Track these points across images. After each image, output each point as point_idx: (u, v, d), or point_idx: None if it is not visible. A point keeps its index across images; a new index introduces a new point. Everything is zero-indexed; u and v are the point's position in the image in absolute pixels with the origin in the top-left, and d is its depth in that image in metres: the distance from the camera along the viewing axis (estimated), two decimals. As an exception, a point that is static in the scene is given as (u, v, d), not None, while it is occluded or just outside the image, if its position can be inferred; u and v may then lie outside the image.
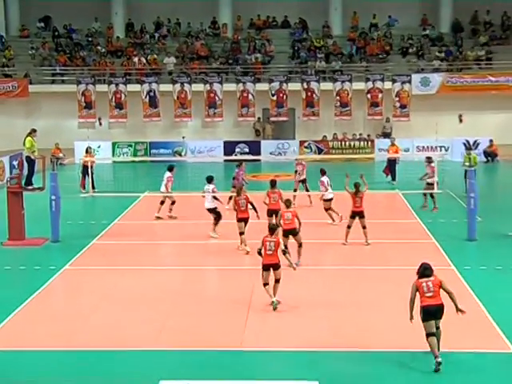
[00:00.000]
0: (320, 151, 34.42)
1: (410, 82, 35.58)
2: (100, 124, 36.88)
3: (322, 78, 36.74)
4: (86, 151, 26.13)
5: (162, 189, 20.37)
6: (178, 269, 15.78)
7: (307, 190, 22.21)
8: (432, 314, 10.58)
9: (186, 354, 11.20)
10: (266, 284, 13.03)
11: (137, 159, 32.87)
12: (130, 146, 34.95)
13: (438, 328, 10.76)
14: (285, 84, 36.05)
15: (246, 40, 38.85)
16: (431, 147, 32.76)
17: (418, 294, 10.71)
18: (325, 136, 35.32)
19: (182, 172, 30.06)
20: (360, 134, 35.26)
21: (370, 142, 34.44)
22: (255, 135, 36.66)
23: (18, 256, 17.16)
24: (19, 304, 13.48)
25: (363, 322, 12.40)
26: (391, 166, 27.04)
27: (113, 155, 34.16)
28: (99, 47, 38.75)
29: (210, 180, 18.71)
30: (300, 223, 15.12)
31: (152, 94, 36.32)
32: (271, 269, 12.97)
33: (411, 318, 10.71)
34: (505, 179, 28.90)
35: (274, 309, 12.82)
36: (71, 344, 11.61)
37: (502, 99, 35.22)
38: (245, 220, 16.86)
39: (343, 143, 34.53)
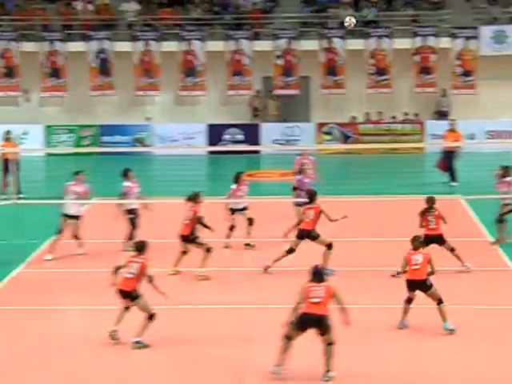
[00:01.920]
0: (346, 139, 34.39)
1: (477, 37, 35.61)
2: (27, 99, 36.82)
3: (349, 32, 36.66)
4: (5, 138, 26.04)
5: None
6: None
7: None
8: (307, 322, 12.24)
9: None
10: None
11: (81, 150, 32.80)
12: (72, 131, 34.96)
13: (329, 344, 12.14)
14: (295, 41, 36.03)
15: (240, -22, 38.89)
16: (508, 133, 32.74)
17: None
18: (353, 117, 35.29)
19: (145, 169, 29.97)
20: (405, 114, 35.22)
21: (418, 126, 34.42)
22: (252, 116, 36.61)
23: None
24: None
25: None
26: (449, 160, 27.00)
27: (46, 145, 34.09)
28: (26, -12, 38.78)
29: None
30: (433, 271, 14.79)
31: (103, 55, 36.30)
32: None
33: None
34: None
35: None
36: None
37: None
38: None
39: (380, 127, 34.51)
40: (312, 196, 17.88)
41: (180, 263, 17.40)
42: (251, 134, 34.58)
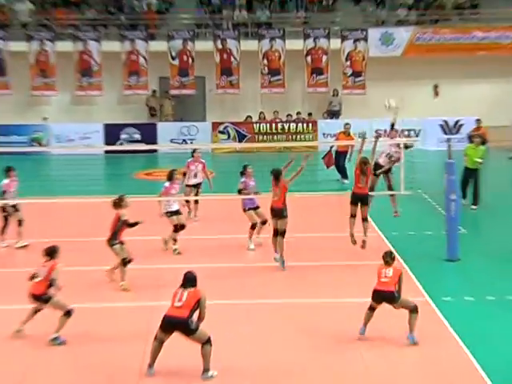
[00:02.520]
0: (241, 138, 34.52)
1: (365, 39, 36.14)
2: None
3: (244, 33, 36.85)
4: None
5: None
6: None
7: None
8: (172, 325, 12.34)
9: None
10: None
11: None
12: (-34, 131, 34.32)
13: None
14: (190, 42, 36.02)
15: (135, -21, 38.72)
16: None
17: None
18: (249, 116, 35.48)
19: (42, 168, 29.68)
20: (297, 114, 35.52)
21: (311, 125, 34.78)
22: (149, 115, 36.51)
23: None
24: None
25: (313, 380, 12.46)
26: (339, 161, 27.32)
27: None
28: None
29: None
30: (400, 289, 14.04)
31: (-2, 55, 35.78)
32: None
33: None
34: (497, 175, 29.56)
35: None
36: None
37: (493, 63, 36.06)
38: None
39: (274, 126, 34.73)
40: None
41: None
42: (148, 133, 34.46)
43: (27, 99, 36.35)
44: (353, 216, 18.46)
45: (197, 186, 22.33)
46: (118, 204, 16.84)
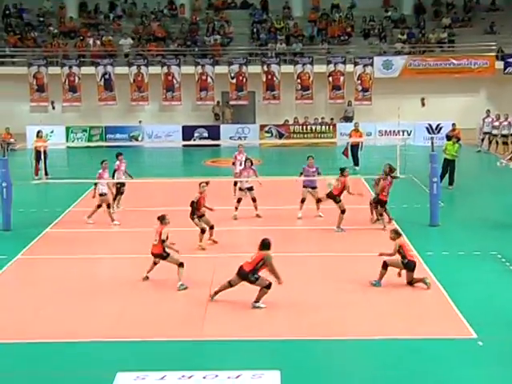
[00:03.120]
0: (281, 136, 34.50)
1: (372, 64, 35.80)
2: (53, 108, 36.38)
3: (283, 60, 36.76)
4: (37, 135, 25.79)
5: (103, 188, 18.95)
6: (134, 257, 15.65)
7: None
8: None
9: (144, 345, 11.16)
10: None
11: (92, 144, 32.53)
12: (85, 130, 34.55)
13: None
14: (244, 66, 35.97)
15: (205, 21, 38.64)
16: (393, 131, 33.11)
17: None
18: (286, 120, 35.40)
19: (138, 158, 29.87)
20: (322, 118, 35.38)
21: (331, 127, 34.62)
22: (214, 119, 36.56)
23: (-33, 245, 16.88)
24: (-31, 295, 13.26)
25: (327, 311, 12.48)
26: (353, 151, 27.24)
27: (67, 140, 33.77)
28: (51, 28, 38.12)
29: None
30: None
31: (107, 76, 35.93)
32: None
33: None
34: (467, 164, 29.28)
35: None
36: (24, 336, 11.46)
37: (465, 82, 35.67)
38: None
39: (304, 127, 34.64)
40: None
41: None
42: (214, 132, 34.44)
43: (127, 108, 36.53)
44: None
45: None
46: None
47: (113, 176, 19.85)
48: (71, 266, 15.26)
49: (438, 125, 33.70)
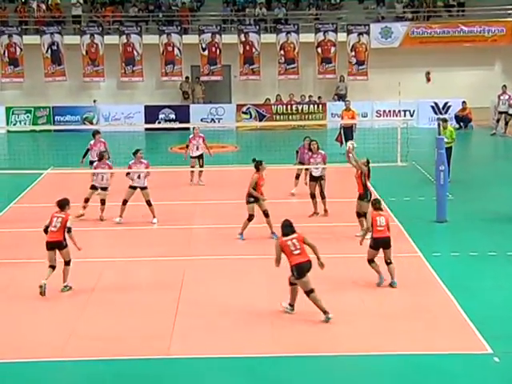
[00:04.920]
0: (262, 117, 34.48)
1: (368, 33, 35.87)
2: (-10, 85, 36.15)
3: (263, 28, 36.72)
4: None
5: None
6: (89, 261, 15.59)
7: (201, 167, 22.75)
8: (305, 270, 12.26)
9: (101, 364, 11.14)
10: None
11: (37, 128, 32.33)
12: (29, 111, 34.33)
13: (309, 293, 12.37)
14: (218, 36, 35.88)
15: (171, -19, 38.57)
16: (393, 111, 33.21)
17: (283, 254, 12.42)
18: (267, 99, 35.39)
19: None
20: (309, 97, 35.40)
21: (321, 106, 34.66)
22: (183, 98, 36.46)
23: None
24: None
25: (317, 322, 12.51)
26: (347, 135, 27.24)
27: (7, 123, 33.53)
28: (-13, -11, 37.86)
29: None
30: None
31: (55, 47, 35.70)
32: None
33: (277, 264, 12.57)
34: (480, 149, 29.49)
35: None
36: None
37: (477, 53, 35.85)
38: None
39: (289, 107, 34.65)
40: None
41: None
42: (182, 113, 34.38)
43: (79, 85, 36.35)
44: None
45: (199, 157, 22.81)
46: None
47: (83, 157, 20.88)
48: (15, 271, 15.21)
49: (445, 103, 33.86)
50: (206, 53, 36.02)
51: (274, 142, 28.97)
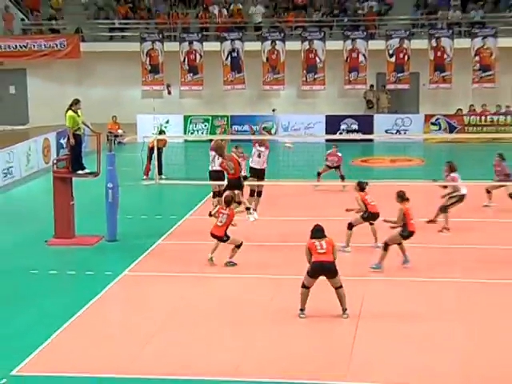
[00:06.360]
0: (452, 129, 33.87)
1: None
2: (169, 93, 37.43)
3: (457, 32, 36.10)
4: (160, 132, 26.42)
5: None
6: (268, 278, 15.77)
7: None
8: (321, 269, 13.31)
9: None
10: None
11: (215, 137, 33.11)
12: (207, 120, 35.30)
13: (338, 288, 13.33)
14: (407, 41, 35.64)
15: (357, -17, 38.67)
16: None
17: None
18: (459, 109, 34.73)
19: (270, 154, 30.03)
20: (507, 107, 34.45)
21: (520, 117, 33.70)
22: (367, 107, 36.43)
23: (65, 258, 17.57)
24: (67, 318, 13.72)
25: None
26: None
27: (185, 132, 34.59)
28: (169, -5, 39.33)
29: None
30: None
31: (235, 54, 36.62)
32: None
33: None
34: None
35: None
36: (129, 370, 11.74)
37: None
38: None
39: (483, 118, 33.85)
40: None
41: None
42: (365, 124, 34.34)
43: (258, 93, 37.10)
44: None
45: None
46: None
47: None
48: (187, 285, 15.54)
49: None
50: (392, 59, 35.85)
51: (466, 155, 28.39)
